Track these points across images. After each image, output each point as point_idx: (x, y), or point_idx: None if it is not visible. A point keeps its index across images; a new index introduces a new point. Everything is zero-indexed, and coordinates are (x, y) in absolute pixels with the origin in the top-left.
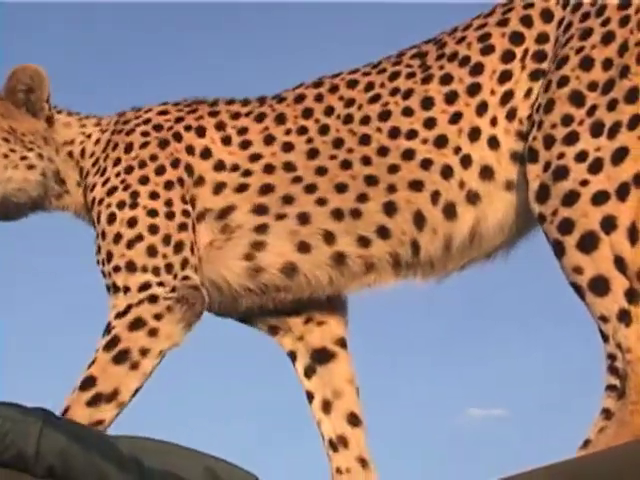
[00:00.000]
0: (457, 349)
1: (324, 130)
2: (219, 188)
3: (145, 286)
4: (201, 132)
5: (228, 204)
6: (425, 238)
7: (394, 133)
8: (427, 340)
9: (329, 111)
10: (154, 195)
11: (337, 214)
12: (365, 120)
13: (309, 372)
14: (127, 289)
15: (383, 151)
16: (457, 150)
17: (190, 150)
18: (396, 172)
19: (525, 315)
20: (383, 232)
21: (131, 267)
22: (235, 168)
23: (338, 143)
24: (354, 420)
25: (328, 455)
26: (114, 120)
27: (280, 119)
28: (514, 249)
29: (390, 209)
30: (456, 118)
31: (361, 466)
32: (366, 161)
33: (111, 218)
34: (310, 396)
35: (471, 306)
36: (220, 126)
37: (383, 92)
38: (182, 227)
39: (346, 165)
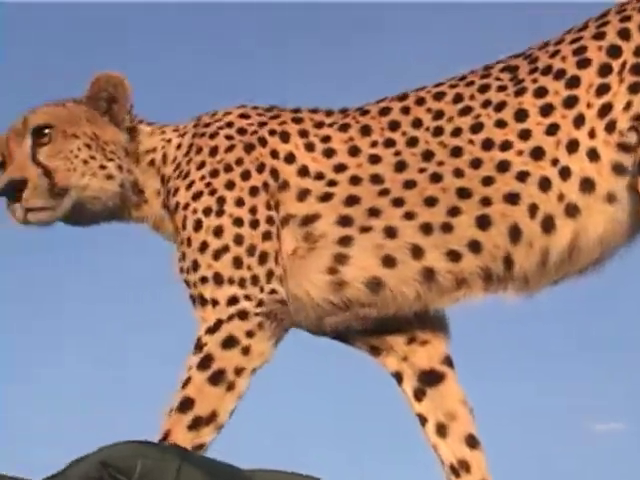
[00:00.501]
0: (574, 359)
1: (413, 142)
2: (303, 195)
3: (233, 300)
4: (285, 137)
5: (312, 212)
6: (520, 252)
7: (487, 145)
8: (542, 350)
9: (417, 123)
10: (240, 202)
11: (426, 228)
12: (456, 132)
13: (419, 395)
14: (215, 302)
15: (476, 163)
16: (555, 162)
17: (275, 154)
18: (491, 184)
19: None
20: (475, 246)
21: (218, 279)
22: (320, 176)
23: (428, 155)
24: (472, 442)
25: None
26: (192, 124)
27: (365, 131)
28: (609, 263)
29: (484, 223)
30: (553, 130)
31: None
32: (458, 173)
33: (197, 225)
34: (423, 420)
35: (590, 314)
36: (303, 133)
37: (474, 104)
38: (266, 236)
39: (436, 178)
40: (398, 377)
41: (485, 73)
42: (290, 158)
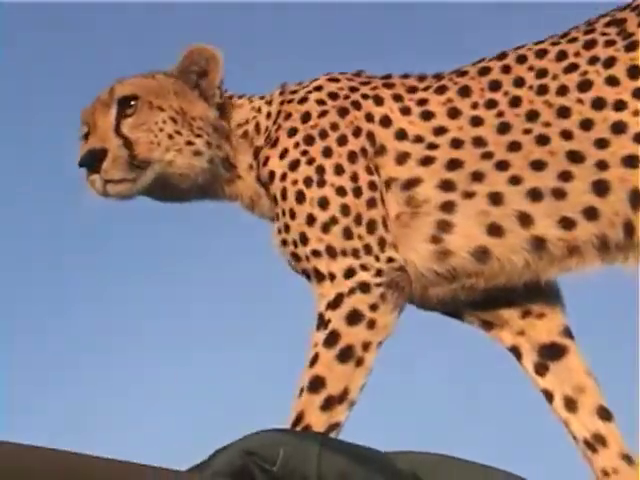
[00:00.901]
0: None
1: (515, 102)
2: (402, 158)
3: (350, 271)
4: (379, 101)
5: (413, 176)
6: None
7: (598, 104)
8: None
9: (519, 82)
10: (339, 169)
11: (534, 194)
12: (562, 91)
13: (541, 370)
14: (333, 276)
15: (587, 124)
16: None
17: (370, 118)
18: (605, 147)
19: None
20: (591, 213)
21: (331, 252)
22: (419, 139)
23: (532, 116)
24: (605, 414)
25: (586, 456)
26: (278, 92)
27: (464, 92)
28: None
29: (601, 188)
30: None
31: (627, 463)
32: (567, 135)
33: (300, 197)
34: (548, 395)
35: None
36: (397, 97)
37: (580, 61)
38: (371, 203)
39: (543, 140)
40: (516, 352)
41: (589, 28)
42: (386, 121)
